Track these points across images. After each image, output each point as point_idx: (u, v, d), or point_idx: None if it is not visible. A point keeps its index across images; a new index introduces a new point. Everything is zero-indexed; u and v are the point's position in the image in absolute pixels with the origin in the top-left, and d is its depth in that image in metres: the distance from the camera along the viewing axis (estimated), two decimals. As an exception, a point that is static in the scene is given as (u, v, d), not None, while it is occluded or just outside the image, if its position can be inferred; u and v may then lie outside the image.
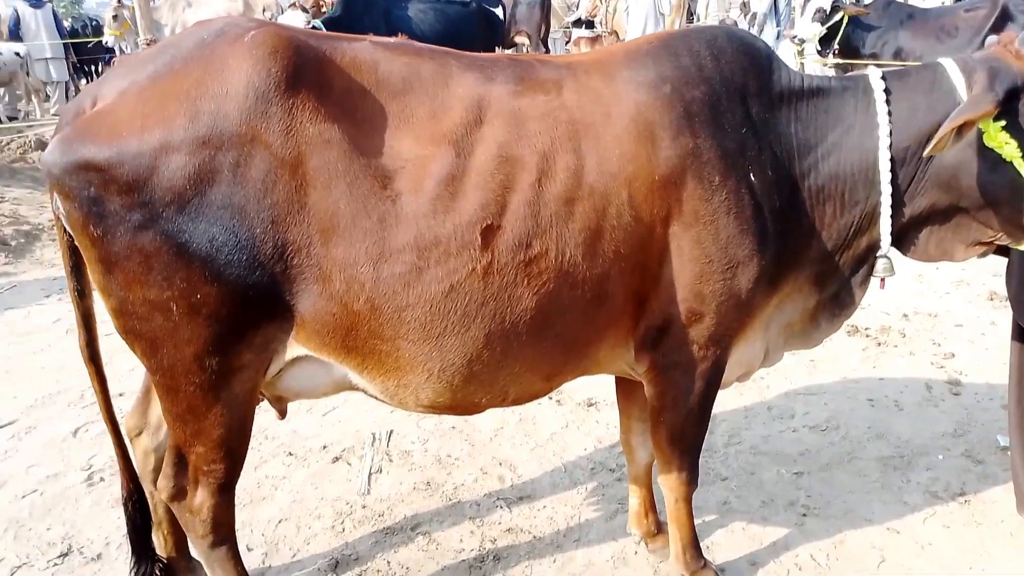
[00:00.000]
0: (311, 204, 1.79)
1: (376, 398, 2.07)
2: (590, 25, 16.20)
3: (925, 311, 4.74)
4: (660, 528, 2.71)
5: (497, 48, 10.48)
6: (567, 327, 2.00)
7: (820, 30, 8.80)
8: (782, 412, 3.63)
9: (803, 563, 2.68)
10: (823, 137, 2.16)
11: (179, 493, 2.14)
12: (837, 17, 8.73)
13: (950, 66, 2.12)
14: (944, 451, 3.32)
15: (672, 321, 2.10)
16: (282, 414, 2.23)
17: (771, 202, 2.10)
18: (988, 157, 2.05)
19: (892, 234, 2.19)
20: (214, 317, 1.82)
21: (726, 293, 2.07)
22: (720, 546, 2.77)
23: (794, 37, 9.26)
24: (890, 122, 2.12)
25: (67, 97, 13.72)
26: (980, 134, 2.03)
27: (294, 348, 1.94)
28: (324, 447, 3.40)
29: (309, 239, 1.80)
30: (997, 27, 8.30)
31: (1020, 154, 2.00)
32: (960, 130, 1.98)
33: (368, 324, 1.86)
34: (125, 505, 2.27)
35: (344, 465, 3.27)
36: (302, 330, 1.89)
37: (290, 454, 3.35)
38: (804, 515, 2.92)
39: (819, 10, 8.73)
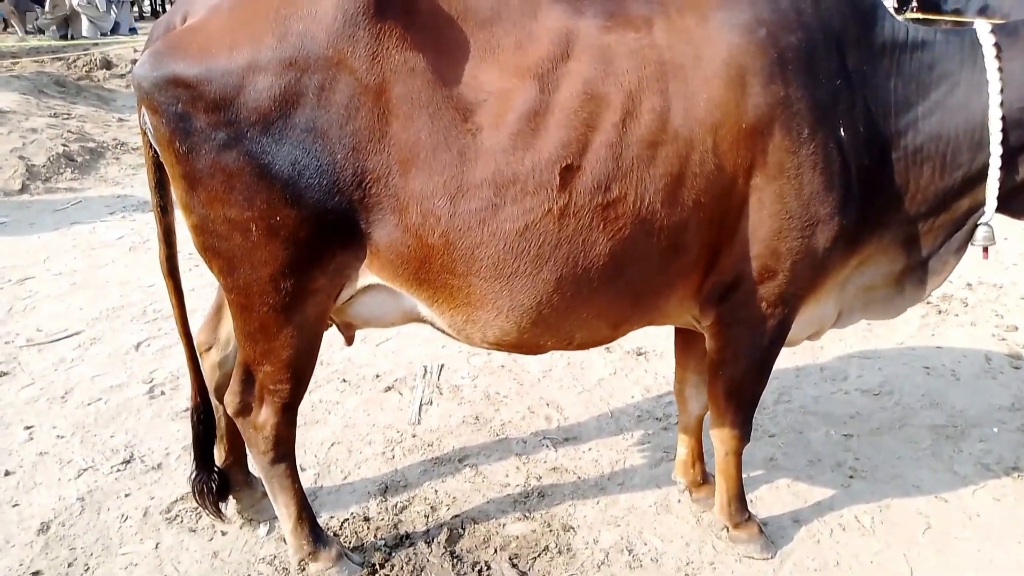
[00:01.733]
0: (392, 133, 1.79)
1: (443, 332, 2.10)
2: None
3: (990, 281, 4.60)
4: (706, 478, 2.73)
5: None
6: (639, 275, 1.97)
7: (901, -17, 8.41)
8: (835, 374, 3.59)
9: (847, 524, 2.68)
10: (925, 94, 2.06)
11: (245, 409, 2.21)
12: (918, -29, 8.32)
13: None
14: (1000, 424, 3.26)
15: (744, 277, 2.06)
16: (349, 341, 2.27)
17: (860, 160, 2.02)
18: None
19: (998, 199, 2.10)
20: (291, 240, 1.85)
21: (803, 251, 2.02)
22: (764, 501, 2.78)
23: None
24: (1001, 79, 2.01)
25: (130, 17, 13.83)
26: None
27: (367, 276, 1.96)
28: (377, 376, 3.47)
29: (388, 168, 1.80)
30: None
31: None
32: None
33: (441, 258, 1.87)
34: (192, 415, 2.36)
35: (395, 395, 3.34)
36: (376, 259, 1.91)
37: (344, 380, 3.43)
38: (851, 477, 2.91)
39: (901, -37, 8.32)
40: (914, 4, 8.70)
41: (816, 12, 1.99)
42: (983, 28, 2.08)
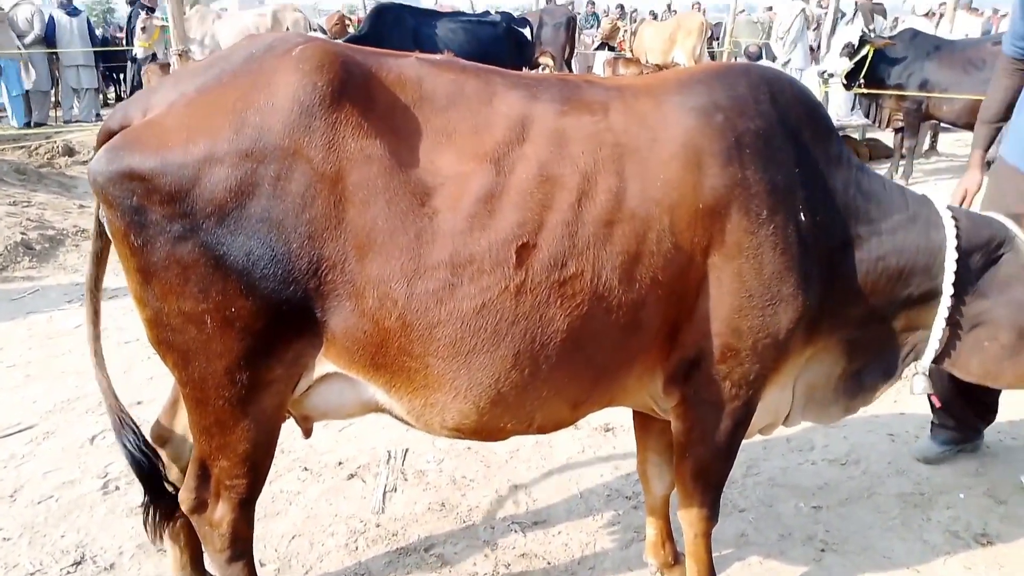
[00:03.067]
0: (349, 220, 1.79)
1: (402, 420, 2.06)
2: (611, 48, 16.32)
3: (947, 346, 4.68)
4: (677, 559, 2.68)
5: (524, 68, 10.56)
6: (598, 352, 1.97)
7: (848, 65, 8.83)
8: (801, 444, 3.60)
9: (821, 600, 2.64)
10: (885, 214, 2.19)
11: (200, 506, 2.14)
12: (864, 51, 8.74)
13: (1011, 226, 2.23)
14: (966, 489, 3.27)
15: (706, 355, 2.07)
16: (307, 433, 2.23)
17: (820, 248, 2.08)
18: None
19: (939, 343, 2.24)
20: (247, 331, 1.83)
21: (764, 330, 2.03)
22: (737, 579, 2.74)
23: (823, 72, 9.28)
24: (956, 226, 2.19)
25: (97, 103, 13.94)
26: None
27: (323, 365, 1.94)
28: (339, 463, 3.40)
29: (345, 255, 1.80)
30: (1024, 61, 8.29)
31: None
32: None
33: (398, 341, 1.86)
34: (121, 436, 2.23)
35: (359, 482, 3.27)
36: (332, 346, 1.89)
37: (305, 469, 3.35)
38: (822, 550, 2.88)
39: (847, 44, 8.77)
40: (861, 80, 9.09)
41: (773, 105, 2.08)
42: (946, 215, 2.23)
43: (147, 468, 2.28)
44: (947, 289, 2.17)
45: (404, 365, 1.89)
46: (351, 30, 7.74)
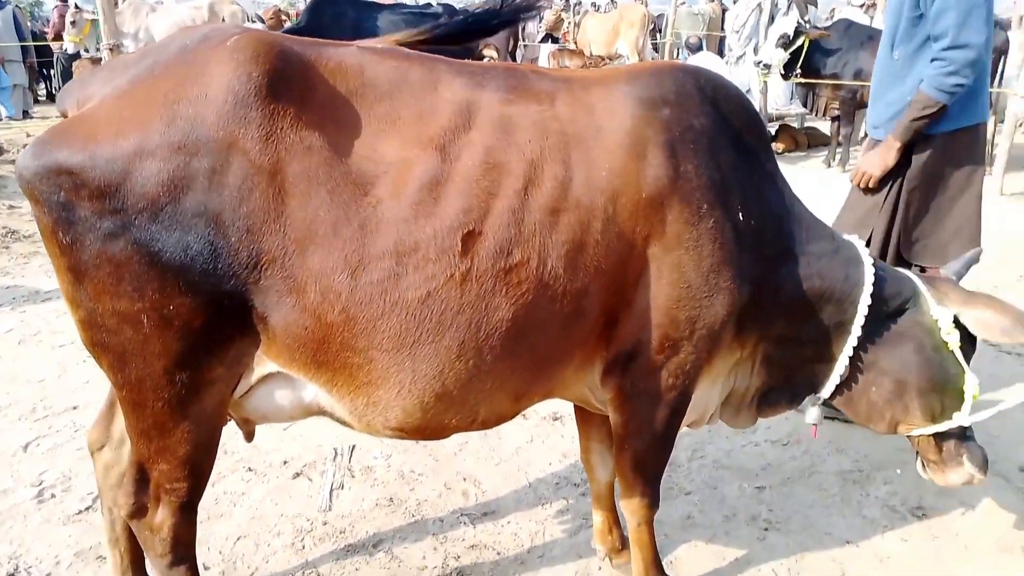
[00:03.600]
0: (289, 212, 1.75)
1: (344, 422, 2.03)
2: (555, 40, 16.35)
3: (883, 327, 4.82)
4: (624, 544, 2.71)
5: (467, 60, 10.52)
6: (540, 341, 1.97)
7: (784, 56, 8.99)
8: (744, 427, 3.66)
9: (765, 578, 2.70)
10: (814, 239, 2.28)
11: (139, 510, 2.08)
12: (800, 42, 8.92)
13: (922, 287, 2.35)
14: (902, 465, 3.37)
15: (643, 346, 2.09)
16: (249, 436, 2.19)
17: (755, 249, 2.13)
18: (933, 342, 2.30)
19: (839, 378, 2.34)
20: (186, 329, 1.78)
21: (701, 321, 2.07)
22: (683, 561, 2.78)
23: (759, 63, 9.45)
24: (875, 271, 2.29)
25: (27, 100, 13.44)
26: (931, 323, 2.30)
27: (264, 364, 1.90)
28: (285, 462, 3.34)
29: (285, 248, 1.76)
30: (952, 50, 8.56)
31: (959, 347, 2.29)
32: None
33: (341, 335, 1.83)
34: None
35: (305, 481, 3.22)
36: (273, 344, 1.85)
37: (249, 469, 3.29)
38: (766, 529, 2.95)
39: (783, 35, 8.93)
40: (798, 70, 9.28)
41: (717, 108, 2.12)
42: (868, 259, 2.33)
43: None
44: (856, 328, 2.26)
45: (347, 361, 1.86)
46: (288, 24, 7.59)
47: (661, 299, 2.03)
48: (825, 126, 10.80)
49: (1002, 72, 8.58)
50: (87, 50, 12.66)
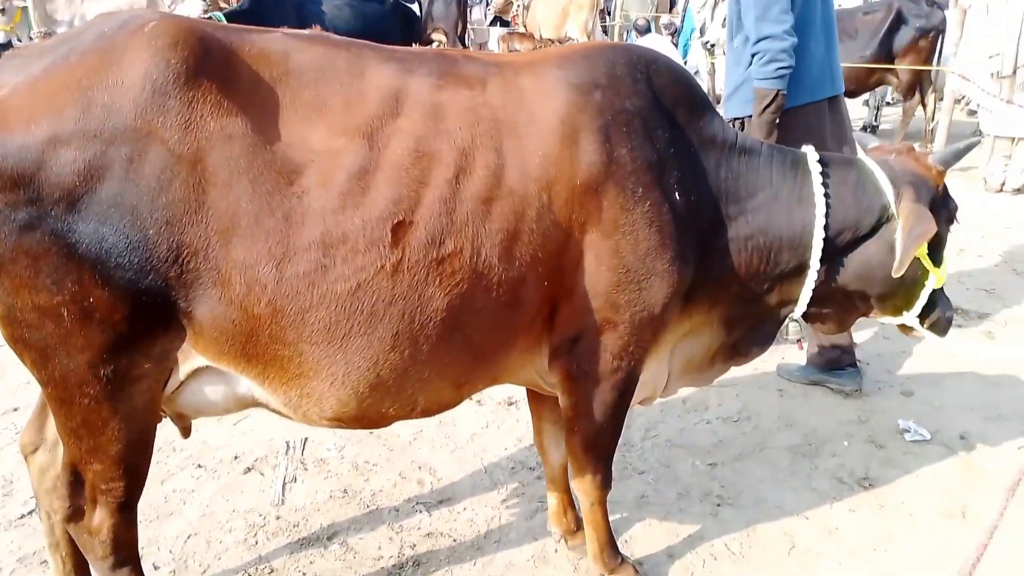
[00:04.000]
0: (210, 202, 1.71)
1: (280, 413, 1.99)
2: (505, 23, 16.25)
3: (830, 303, 4.92)
4: (579, 525, 2.72)
5: (413, 45, 10.39)
6: (479, 330, 1.95)
7: (729, 34, 9.04)
8: (696, 405, 3.71)
9: (718, 553, 2.74)
10: (753, 192, 2.25)
11: (76, 513, 2.03)
12: (745, 20, 8.97)
13: (875, 169, 2.29)
14: (849, 437, 3.45)
15: (587, 330, 2.09)
16: (185, 432, 2.13)
17: (694, 227, 2.13)
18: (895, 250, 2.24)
19: (807, 304, 2.33)
20: (107, 323, 1.72)
21: (641, 304, 2.07)
22: (638, 540, 2.81)
23: (705, 42, 9.51)
24: (827, 204, 2.24)
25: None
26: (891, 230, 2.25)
27: (193, 358, 1.85)
28: (235, 457, 3.28)
29: (207, 240, 1.71)
30: (892, 30, 8.74)
31: (928, 251, 2.26)
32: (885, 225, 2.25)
33: (270, 328, 1.79)
34: None
35: (257, 475, 3.17)
36: (200, 338, 1.81)
37: (199, 466, 3.22)
38: (718, 505, 2.99)
39: (728, 16, 8.97)
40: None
41: (650, 85, 2.11)
42: (811, 155, 2.31)
43: None
44: (812, 268, 2.26)
45: (277, 354, 1.83)
46: (229, 8, 7.40)
47: (601, 284, 2.03)
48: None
49: (940, 51, 8.76)
50: (19, 39, 12.19)
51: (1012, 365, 4.08)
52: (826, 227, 2.23)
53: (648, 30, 12.04)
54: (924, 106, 9.06)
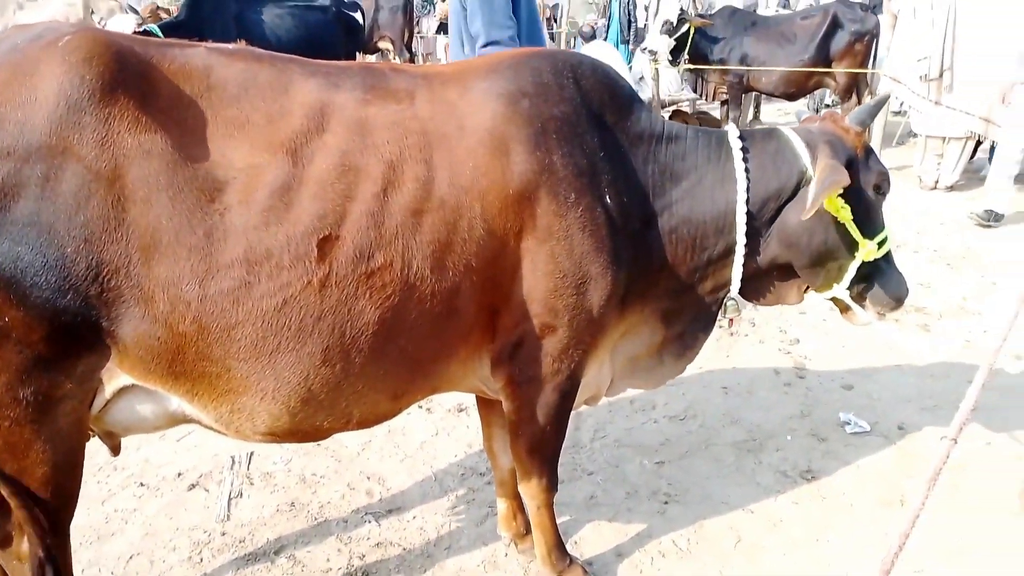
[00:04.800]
0: (130, 220, 1.68)
1: (213, 429, 1.96)
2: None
3: (773, 301, 5.02)
4: (529, 529, 2.72)
5: (358, 55, 10.32)
6: (414, 342, 1.95)
7: (669, 42, 9.21)
8: (644, 405, 3.75)
9: (666, 550, 2.78)
10: (678, 181, 2.26)
11: (4, 540, 1.97)
12: (684, 29, 9.15)
13: (792, 136, 2.30)
14: (792, 432, 3.53)
15: (526, 336, 2.11)
16: (115, 451, 2.09)
17: (626, 228, 2.15)
18: (824, 220, 2.25)
19: (740, 281, 2.34)
20: (24, 344, 1.68)
21: (579, 308, 2.09)
22: (587, 540, 2.83)
23: (645, 49, 9.65)
24: (748, 179, 2.25)
25: None
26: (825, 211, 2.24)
27: (119, 377, 1.81)
28: (179, 474, 3.22)
29: (128, 258, 1.68)
30: (828, 34, 8.98)
31: (852, 218, 2.24)
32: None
33: (196, 345, 1.76)
34: None
35: (201, 492, 3.12)
36: (125, 357, 1.77)
37: (142, 484, 3.16)
38: (666, 503, 3.03)
39: (666, 22, 9.14)
40: (686, 57, 9.53)
41: (577, 91, 2.12)
42: (733, 131, 2.32)
43: None
44: (739, 248, 2.28)
45: (205, 371, 1.80)
46: (165, 16, 7.26)
47: (539, 290, 2.05)
48: (716, 110, 11.15)
49: (875, 54, 9.03)
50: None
51: (946, 356, 4.23)
52: (748, 200, 2.24)
53: (593, 36, 12.21)
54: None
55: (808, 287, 2.45)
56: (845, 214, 2.24)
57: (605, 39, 12.26)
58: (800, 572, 2.68)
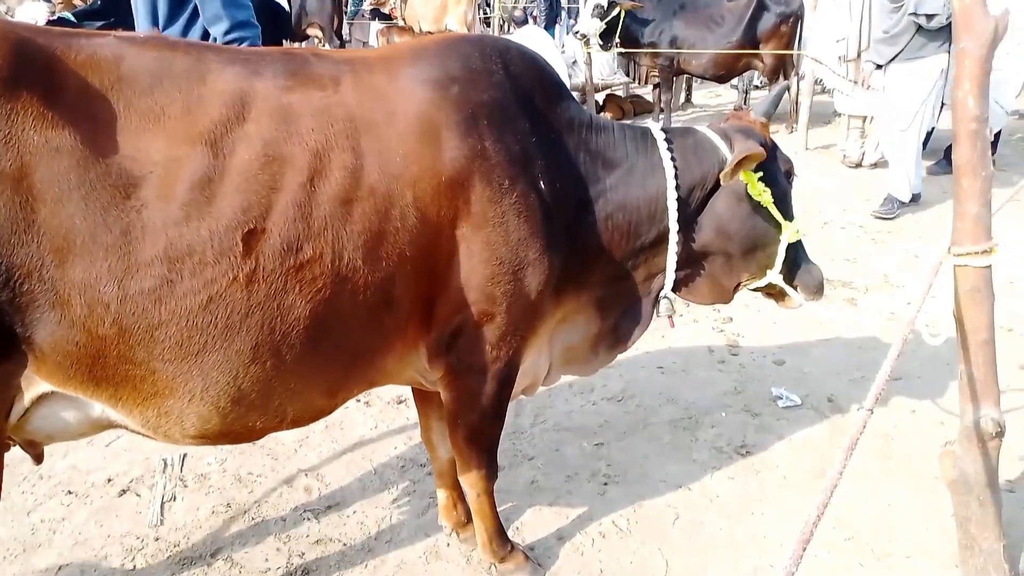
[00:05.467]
0: (40, 221, 1.60)
1: (141, 433, 1.90)
2: (384, 16, 16.02)
3: (707, 280, 5.11)
4: (470, 518, 2.72)
5: (285, 42, 10.07)
6: (348, 336, 1.92)
7: (600, 25, 9.24)
8: (582, 387, 3.79)
9: (606, 530, 2.81)
10: (610, 169, 2.28)
11: None
12: (615, 12, 9.19)
13: (708, 132, 2.38)
14: (727, 408, 3.61)
15: (464, 324, 2.09)
16: (38, 459, 2.00)
17: (561, 214, 2.15)
18: (749, 205, 2.32)
19: (674, 274, 2.37)
20: None
21: (516, 294, 2.08)
22: (529, 525, 2.84)
23: (576, 32, 9.67)
24: (675, 167, 2.29)
25: None
26: (743, 188, 2.30)
27: (37, 384, 1.74)
28: (109, 480, 3.12)
29: (40, 260, 1.61)
30: (755, 17, 9.14)
31: (773, 200, 2.31)
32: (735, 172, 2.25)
33: (117, 348, 1.70)
34: None
35: (133, 497, 3.02)
36: (43, 364, 1.70)
37: (69, 492, 3.05)
38: (605, 484, 3.07)
39: (597, 6, 9.15)
40: (617, 40, 9.57)
41: (507, 75, 2.10)
42: (654, 126, 2.38)
43: None
44: (672, 235, 2.31)
45: (128, 374, 1.74)
46: (79, 3, 6.92)
47: (475, 278, 2.03)
48: (649, 93, 11.26)
49: (800, 35, 9.23)
50: None
51: (872, 329, 4.37)
52: (677, 188, 2.28)
53: (525, 21, 12.17)
54: (788, 89, 9.53)
55: (739, 284, 2.50)
56: (767, 197, 2.30)
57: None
58: (737, 545, 2.75)
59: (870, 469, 3.13)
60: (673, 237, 2.31)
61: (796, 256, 2.49)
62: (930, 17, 5.60)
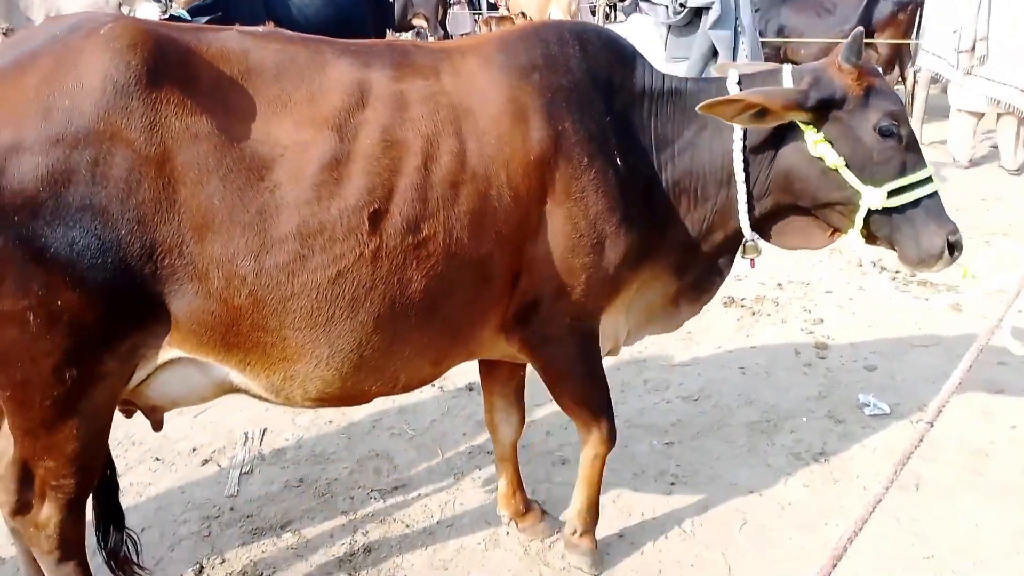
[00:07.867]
0: (181, 202, 1.74)
1: (260, 397, 2.05)
2: (493, 7, 16.12)
3: (799, 280, 4.92)
4: (528, 507, 2.74)
5: (389, 32, 10.29)
6: (454, 309, 2.05)
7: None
8: (657, 384, 3.72)
9: (669, 531, 2.76)
10: (679, 134, 2.28)
11: (23, 507, 2.07)
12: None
13: (786, 72, 2.23)
14: (808, 413, 3.46)
15: (542, 297, 2.17)
16: (157, 425, 2.18)
17: (635, 186, 2.20)
18: (815, 164, 2.17)
19: (751, 225, 2.29)
20: (76, 325, 1.74)
21: (594, 266, 2.15)
22: (590, 521, 2.82)
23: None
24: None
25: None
26: (806, 143, 2.16)
27: (168, 351, 1.88)
28: (193, 450, 3.29)
29: (181, 237, 1.75)
30: (871, 4, 8.68)
31: (843, 162, 2.12)
32: (766, 119, 2.12)
33: (251, 318, 1.84)
34: None
35: (214, 467, 3.18)
36: (177, 331, 1.85)
37: (157, 459, 3.23)
38: (672, 484, 3.00)
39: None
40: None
41: (583, 58, 2.19)
42: (732, 76, 2.26)
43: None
44: (739, 179, 2.22)
45: (259, 341, 1.89)
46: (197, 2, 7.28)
47: (557, 251, 2.12)
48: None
49: (919, 24, 8.72)
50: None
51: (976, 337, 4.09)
52: (744, 147, 2.20)
53: (635, 9, 11.91)
54: (903, 80, 9.03)
55: (835, 230, 2.32)
56: (831, 159, 2.12)
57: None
58: (806, 556, 2.64)
59: (959, 485, 2.94)
60: (742, 198, 2.24)
61: (903, 217, 2.19)
62: None
